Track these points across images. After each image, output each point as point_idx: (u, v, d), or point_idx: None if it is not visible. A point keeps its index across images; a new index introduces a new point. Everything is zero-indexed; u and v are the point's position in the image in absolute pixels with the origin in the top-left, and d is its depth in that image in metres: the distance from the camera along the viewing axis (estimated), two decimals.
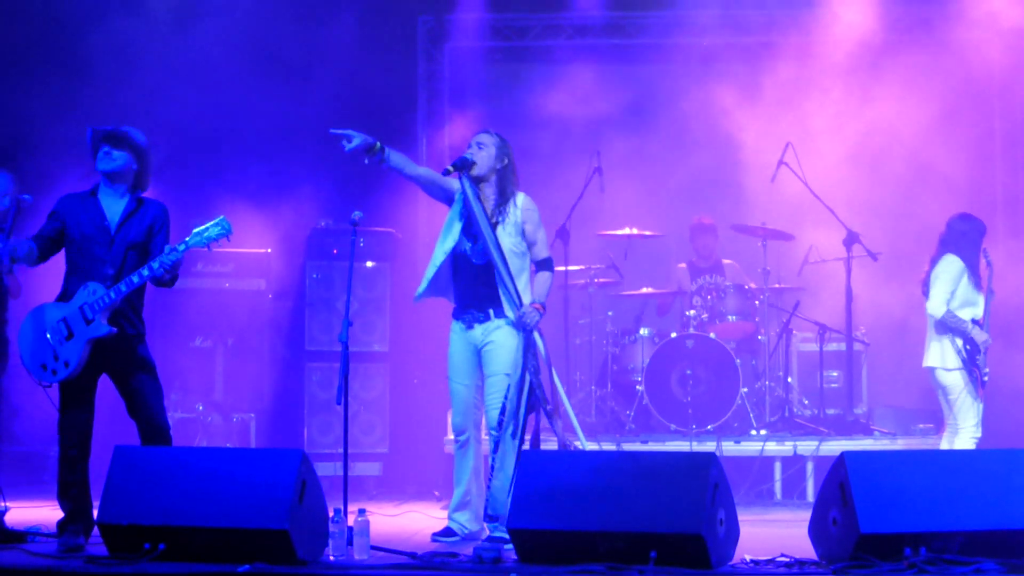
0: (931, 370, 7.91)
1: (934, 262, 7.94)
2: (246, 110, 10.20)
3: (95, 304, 6.32)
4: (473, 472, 6.95)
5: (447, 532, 6.92)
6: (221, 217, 6.48)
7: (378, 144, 6.71)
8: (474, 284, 6.82)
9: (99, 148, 6.51)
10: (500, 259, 6.71)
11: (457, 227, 6.85)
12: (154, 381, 6.53)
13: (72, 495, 6.44)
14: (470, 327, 6.85)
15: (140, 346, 6.55)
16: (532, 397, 6.63)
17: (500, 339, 6.77)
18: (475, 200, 6.78)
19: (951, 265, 7.84)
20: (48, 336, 6.37)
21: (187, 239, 6.42)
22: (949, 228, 8.00)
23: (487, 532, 6.78)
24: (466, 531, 6.91)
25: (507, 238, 6.78)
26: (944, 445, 7.93)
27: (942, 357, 7.84)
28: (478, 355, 6.86)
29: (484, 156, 6.87)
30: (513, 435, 6.60)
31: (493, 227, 6.75)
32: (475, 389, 6.91)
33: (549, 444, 7.12)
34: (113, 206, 6.52)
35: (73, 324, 6.34)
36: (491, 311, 6.80)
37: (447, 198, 6.95)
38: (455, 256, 6.86)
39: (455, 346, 6.94)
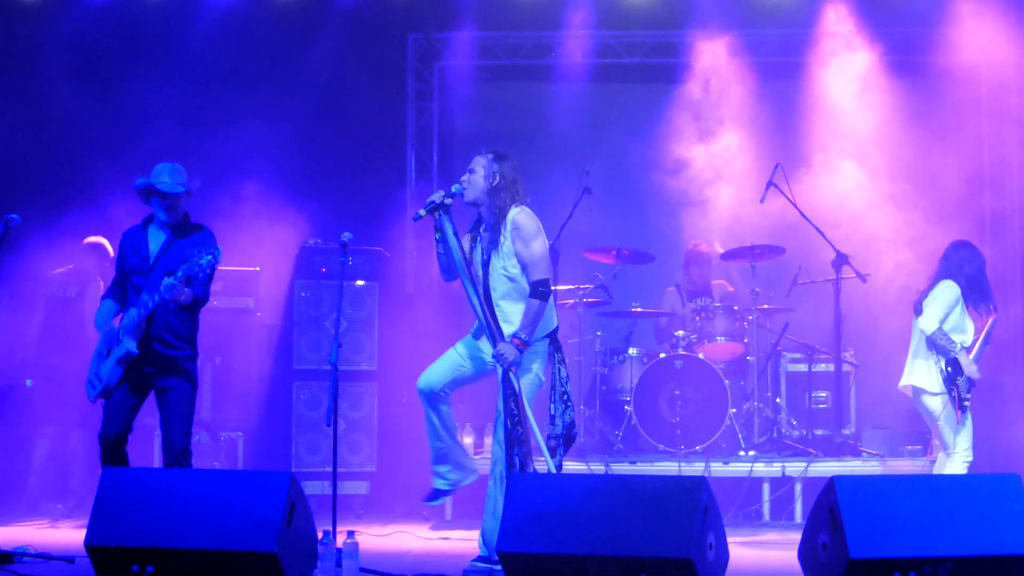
0: (915, 390, 7.86)
1: (932, 284, 7.90)
2: (234, 128, 10.20)
3: (126, 326, 6.66)
4: (442, 427, 6.73)
5: (435, 495, 6.84)
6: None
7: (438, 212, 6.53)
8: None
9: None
10: (476, 298, 6.50)
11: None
12: (182, 403, 6.73)
13: None
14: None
15: (173, 366, 6.74)
16: (511, 443, 6.43)
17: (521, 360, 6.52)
18: (452, 237, 6.52)
19: (948, 290, 7.79)
20: (96, 355, 6.77)
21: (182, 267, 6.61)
22: (948, 254, 7.95)
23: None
24: (450, 480, 6.76)
25: (499, 262, 6.55)
26: (937, 468, 7.92)
27: (928, 378, 7.79)
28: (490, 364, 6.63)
29: (473, 180, 6.58)
30: (501, 479, 6.43)
31: (468, 264, 6.52)
32: (468, 371, 6.67)
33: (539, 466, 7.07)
34: (157, 237, 6.84)
35: (111, 344, 6.71)
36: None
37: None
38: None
39: (473, 338, 6.70)
